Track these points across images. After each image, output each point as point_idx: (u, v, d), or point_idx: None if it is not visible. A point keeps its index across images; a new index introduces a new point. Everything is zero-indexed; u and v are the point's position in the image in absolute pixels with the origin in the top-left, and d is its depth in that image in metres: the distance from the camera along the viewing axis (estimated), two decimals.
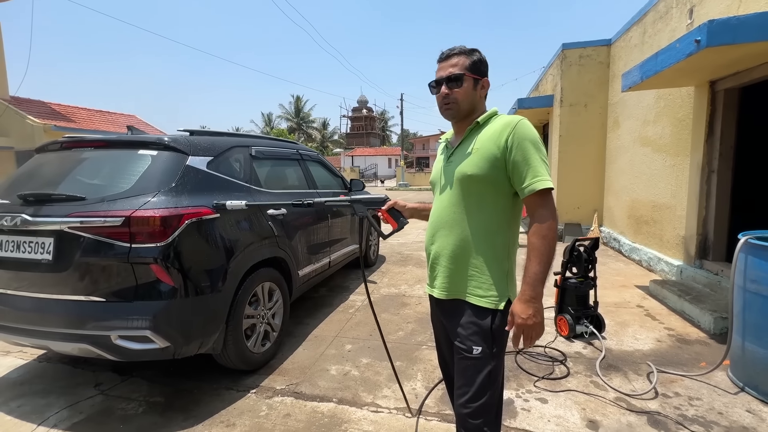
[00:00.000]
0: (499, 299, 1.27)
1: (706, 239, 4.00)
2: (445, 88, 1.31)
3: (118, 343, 1.97)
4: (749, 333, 2.25)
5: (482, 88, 1.33)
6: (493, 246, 1.27)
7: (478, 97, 1.33)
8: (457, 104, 1.31)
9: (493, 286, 1.27)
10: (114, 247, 1.97)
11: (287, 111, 51.12)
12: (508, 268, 1.30)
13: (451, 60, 1.31)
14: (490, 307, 1.27)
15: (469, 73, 1.29)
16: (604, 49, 6.66)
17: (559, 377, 2.46)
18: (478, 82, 1.32)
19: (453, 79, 1.29)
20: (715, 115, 3.85)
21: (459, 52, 1.31)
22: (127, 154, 2.35)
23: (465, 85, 1.29)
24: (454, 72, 1.29)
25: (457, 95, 1.30)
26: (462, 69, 1.29)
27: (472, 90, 1.30)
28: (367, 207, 1.67)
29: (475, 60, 1.30)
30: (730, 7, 3.45)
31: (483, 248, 1.28)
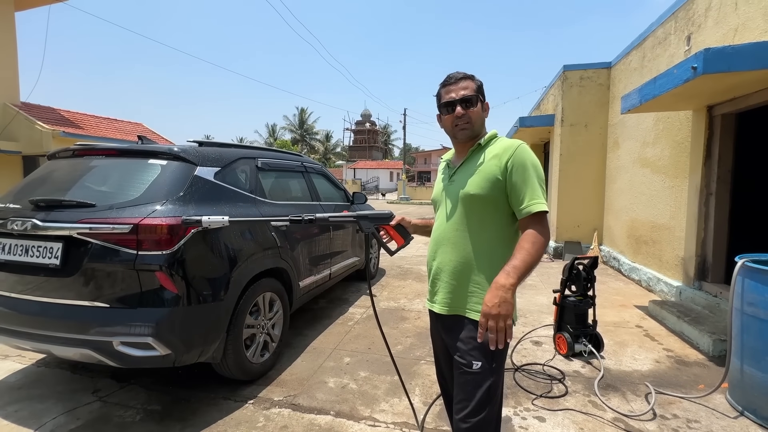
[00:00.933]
0: None
1: (704, 261, 4.02)
2: (460, 108, 1.36)
3: (119, 350, 1.99)
4: (747, 356, 2.26)
5: (486, 110, 1.42)
6: (493, 263, 1.31)
7: (482, 119, 1.41)
8: (471, 124, 1.38)
9: None
10: (121, 254, 2.00)
11: (291, 122, 51.74)
12: None
13: (461, 83, 1.37)
14: None
15: (480, 96, 1.38)
16: (605, 71, 6.80)
17: (557, 396, 2.46)
18: (483, 104, 1.40)
19: (467, 99, 1.36)
20: (712, 139, 3.92)
21: (466, 77, 1.39)
22: (137, 163, 2.40)
23: (477, 106, 1.38)
24: (467, 94, 1.35)
25: (471, 115, 1.37)
26: (473, 91, 1.36)
27: (481, 111, 1.39)
28: (374, 223, 1.66)
29: (479, 84, 1.40)
30: (726, 36, 3.55)
31: (484, 265, 1.31)
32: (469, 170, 1.34)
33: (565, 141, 7.09)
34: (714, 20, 3.76)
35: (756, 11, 3.21)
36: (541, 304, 4.30)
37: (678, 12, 4.43)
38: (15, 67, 9.62)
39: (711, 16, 3.81)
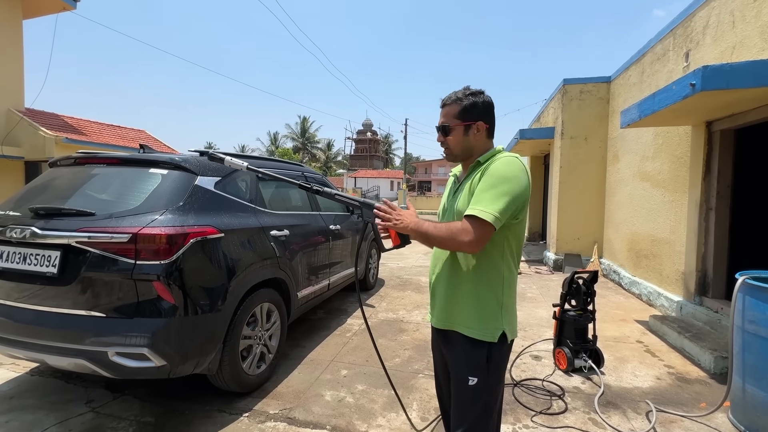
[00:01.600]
0: (493, 332, 1.29)
1: (705, 276, 4.00)
2: (440, 135, 1.41)
3: (114, 360, 1.97)
4: (749, 375, 2.23)
5: (477, 131, 1.35)
6: (488, 279, 1.31)
7: (473, 141, 1.36)
8: (450, 150, 1.41)
9: (488, 318, 1.30)
10: (119, 263, 2.00)
11: (293, 131, 52.04)
12: (504, 302, 1.32)
13: (443, 110, 1.39)
14: (485, 339, 1.29)
15: (459, 122, 1.34)
16: (604, 85, 6.87)
17: (557, 412, 2.42)
18: (470, 127, 1.34)
19: (442, 128, 1.38)
20: (711, 155, 3.94)
21: (453, 100, 1.36)
22: (138, 172, 2.41)
23: (454, 134, 1.36)
24: (442, 122, 1.38)
25: (449, 142, 1.39)
26: (450, 119, 1.36)
27: (462, 136, 1.36)
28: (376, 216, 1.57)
29: (465, 106, 1.34)
30: (724, 53, 3.60)
31: (478, 281, 1.31)
32: (465, 187, 1.35)
33: (565, 154, 7.12)
34: (712, 38, 3.81)
35: (753, 30, 3.25)
36: (540, 318, 4.27)
37: (676, 29, 4.49)
38: (21, 74, 9.72)
39: (709, 33, 3.86)
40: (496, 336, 1.29)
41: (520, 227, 1.33)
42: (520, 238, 1.36)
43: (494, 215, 1.18)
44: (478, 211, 1.19)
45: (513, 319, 1.36)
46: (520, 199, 1.23)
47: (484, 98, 1.36)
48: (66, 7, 10.11)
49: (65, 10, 10.18)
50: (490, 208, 1.18)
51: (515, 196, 1.22)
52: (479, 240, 1.19)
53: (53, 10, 10.20)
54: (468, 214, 1.21)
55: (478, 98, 1.35)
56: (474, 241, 1.19)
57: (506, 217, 1.21)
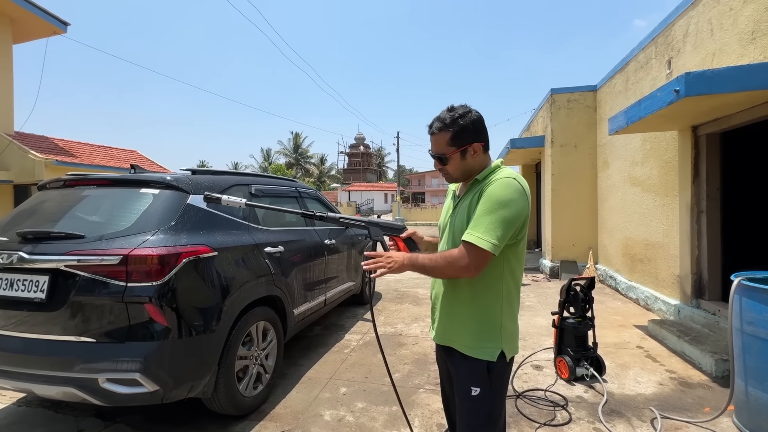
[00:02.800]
0: (491, 351, 1.28)
1: (700, 278, 4.02)
2: (437, 163, 1.36)
3: (105, 387, 1.90)
4: (751, 377, 2.22)
5: (474, 153, 1.31)
6: (486, 300, 1.29)
7: (471, 162, 1.32)
8: (450, 176, 1.37)
9: (485, 338, 1.29)
10: (109, 286, 1.95)
11: (286, 147, 52.29)
12: (502, 322, 1.30)
13: (434, 137, 1.32)
14: (483, 358, 1.28)
15: (453, 149, 1.29)
16: (591, 94, 7.01)
17: (561, 423, 2.38)
18: (466, 151, 1.30)
19: (438, 158, 1.34)
20: (699, 158, 4.01)
21: (438, 129, 1.30)
22: (129, 192, 2.38)
23: (452, 162, 1.31)
24: (437, 153, 1.32)
25: (448, 170, 1.35)
26: (444, 148, 1.30)
27: (460, 161, 1.31)
28: (384, 232, 1.55)
29: (457, 131, 1.28)
30: (705, 60, 3.70)
31: (476, 301, 1.30)
32: (463, 205, 1.33)
33: (556, 161, 7.21)
34: (692, 45, 3.92)
35: (731, 37, 3.35)
36: (540, 326, 4.24)
37: (658, 38, 4.62)
38: (10, 98, 9.70)
39: (689, 41, 3.97)
40: (495, 355, 1.28)
41: (520, 246, 1.31)
42: (521, 255, 1.33)
43: (492, 242, 1.17)
44: (476, 239, 1.18)
45: (513, 338, 1.34)
46: (518, 221, 1.22)
47: (471, 117, 1.29)
48: (56, 31, 10.17)
49: (55, 34, 10.23)
50: (488, 235, 1.17)
51: (513, 220, 1.20)
52: (477, 266, 1.20)
53: (43, 34, 10.24)
54: (465, 240, 1.20)
55: (467, 120, 1.28)
56: (471, 268, 1.19)
57: (505, 242, 1.21)
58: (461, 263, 1.19)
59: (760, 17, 3.03)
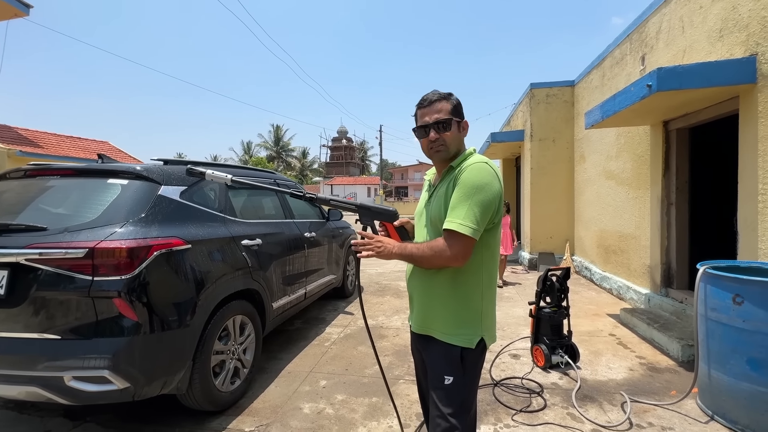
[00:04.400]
0: (471, 338, 1.29)
1: (669, 268, 4.19)
2: (434, 133, 1.32)
3: (71, 385, 1.83)
4: (714, 361, 2.33)
5: (464, 129, 1.38)
6: (464, 286, 1.30)
7: (460, 138, 1.36)
8: (446, 147, 1.33)
9: (464, 324, 1.29)
10: (74, 281, 1.87)
11: (266, 140, 51.33)
12: (482, 308, 1.31)
13: (435, 105, 1.32)
14: (463, 345, 1.29)
15: (454, 117, 1.33)
16: (569, 89, 7.14)
17: (536, 410, 2.44)
18: (460, 124, 1.36)
19: (441, 122, 1.31)
20: (670, 152, 4.15)
21: (441, 98, 1.34)
22: (95, 183, 2.27)
23: (452, 129, 1.32)
24: (441, 117, 1.31)
25: (446, 138, 1.32)
26: (447, 114, 1.32)
27: (457, 133, 1.35)
28: (375, 218, 1.50)
29: (455, 104, 1.35)
30: (676, 57, 3.81)
31: (454, 288, 1.30)
32: (439, 193, 1.33)
33: (535, 155, 7.33)
34: (664, 42, 4.03)
35: (701, 34, 3.46)
36: (518, 317, 4.33)
37: (632, 34, 4.73)
38: None
39: (662, 38, 4.08)
40: (473, 342, 1.29)
41: (496, 230, 1.33)
42: (498, 240, 1.35)
43: (472, 227, 1.19)
44: (457, 225, 1.19)
45: (492, 325, 1.36)
46: (494, 204, 1.24)
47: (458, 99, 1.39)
48: (18, 14, 9.57)
49: (17, 16, 9.63)
50: (468, 220, 1.18)
51: (489, 203, 1.22)
52: (463, 254, 1.21)
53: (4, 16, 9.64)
54: (446, 228, 1.21)
55: (456, 99, 1.37)
56: (459, 257, 1.21)
57: (484, 226, 1.22)
58: (448, 253, 1.21)
59: (728, 15, 3.13)
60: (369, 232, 1.39)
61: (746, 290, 2.16)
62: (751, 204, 2.95)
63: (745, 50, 2.96)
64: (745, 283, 2.17)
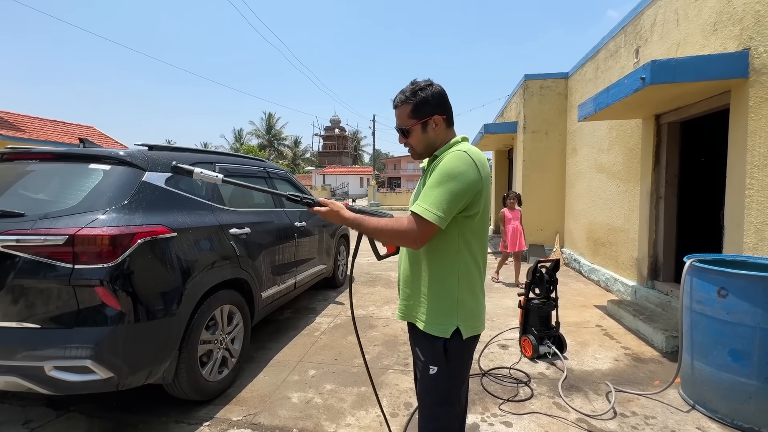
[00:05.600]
0: (445, 327, 1.27)
1: (656, 261, 4.24)
2: (401, 137, 1.38)
3: (52, 375, 1.79)
4: (697, 352, 2.38)
5: (435, 125, 1.31)
6: (442, 275, 1.28)
7: (433, 136, 1.32)
8: (414, 150, 1.38)
9: (440, 314, 1.27)
10: (54, 269, 1.81)
11: (258, 128, 50.58)
12: (458, 297, 1.27)
13: (396, 111, 1.34)
14: (438, 334, 1.27)
15: (414, 121, 1.30)
16: (563, 81, 7.12)
17: (523, 399, 2.47)
18: (427, 123, 1.30)
19: (401, 131, 1.36)
20: (660, 146, 4.17)
21: (400, 102, 1.32)
22: (76, 168, 2.20)
23: (413, 134, 1.33)
24: (399, 125, 1.35)
25: (411, 143, 1.36)
26: (405, 120, 1.32)
27: (422, 134, 1.32)
28: None
29: (417, 103, 1.29)
30: (670, 50, 3.80)
31: (432, 277, 1.29)
32: (423, 181, 1.34)
33: (527, 147, 7.33)
34: (659, 35, 4.01)
35: (695, 28, 3.45)
36: (507, 308, 4.37)
37: (627, 27, 4.70)
38: None
39: (656, 31, 4.06)
40: (449, 332, 1.26)
41: (476, 222, 1.27)
42: (478, 232, 1.29)
43: (436, 214, 1.16)
44: (422, 210, 1.18)
45: (472, 316, 1.29)
46: (467, 194, 1.19)
47: (433, 90, 1.29)
48: None
49: None
50: (434, 207, 1.17)
51: (460, 192, 1.18)
52: (421, 238, 1.19)
53: None
54: (412, 210, 1.21)
55: (427, 92, 1.29)
56: (417, 239, 1.19)
57: (452, 214, 1.19)
58: (407, 233, 1.20)
59: (722, 8, 3.12)
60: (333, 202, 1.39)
61: (731, 283, 2.19)
62: (738, 198, 2.98)
63: (738, 44, 2.96)
64: (730, 277, 2.20)
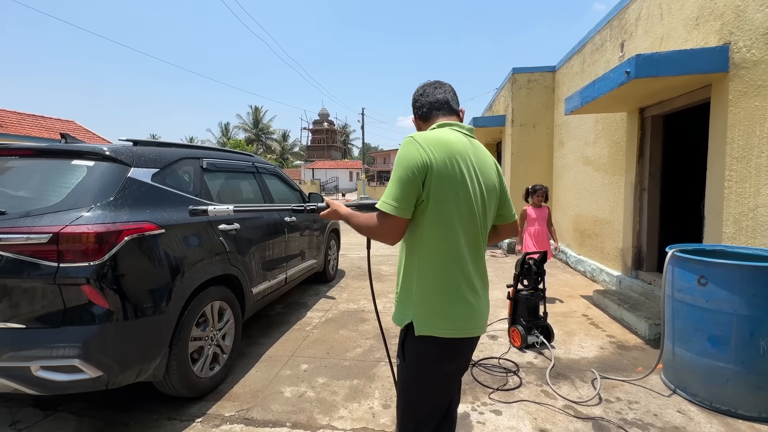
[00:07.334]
0: (401, 317, 1.27)
1: (640, 251, 4.35)
2: None
3: (39, 375, 1.76)
4: (678, 338, 2.46)
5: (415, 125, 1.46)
6: (406, 266, 1.28)
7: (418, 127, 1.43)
8: None
9: (401, 305, 1.28)
10: (39, 267, 1.78)
11: (245, 121, 49.81)
12: (416, 290, 1.23)
13: None
14: (397, 323, 1.29)
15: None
16: (550, 74, 7.18)
17: (512, 388, 2.53)
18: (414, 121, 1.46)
19: None
20: (644, 139, 4.26)
21: None
22: (59, 164, 2.15)
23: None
24: None
25: None
26: None
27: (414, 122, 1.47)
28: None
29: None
30: (654, 44, 3.87)
31: (401, 268, 1.31)
32: None
33: (515, 140, 7.40)
34: (643, 29, 4.07)
35: (678, 22, 3.51)
36: (496, 299, 4.43)
37: (612, 21, 4.76)
38: None
39: (641, 25, 4.12)
40: (402, 323, 1.26)
41: (433, 210, 1.17)
42: (440, 223, 1.18)
43: (390, 204, 1.16)
44: (380, 203, 1.19)
45: (431, 313, 1.20)
46: (414, 179, 1.14)
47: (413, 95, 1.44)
48: None
49: None
50: (388, 197, 1.17)
51: (406, 178, 1.15)
52: (390, 231, 1.20)
53: None
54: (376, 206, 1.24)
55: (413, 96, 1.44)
56: (387, 234, 1.21)
57: (408, 202, 1.16)
58: (376, 229, 1.22)
59: (704, 3, 3.18)
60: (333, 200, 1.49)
61: (710, 272, 2.27)
62: (718, 190, 3.07)
63: (719, 39, 3.03)
64: (710, 266, 2.28)
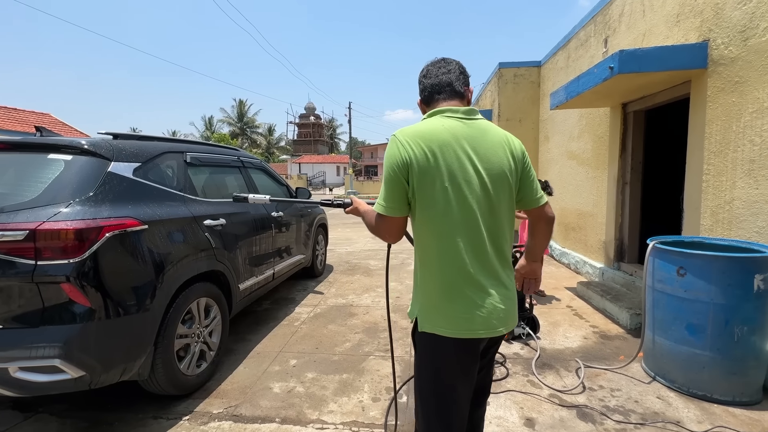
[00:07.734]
0: (412, 312, 1.27)
1: (622, 243, 4.47)
2: None
3: (18, 376, 1.71)
4: (658, 327, 2.54)
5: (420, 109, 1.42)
6: (414, 264, 1.28)
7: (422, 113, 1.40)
8: None
9: (413, 299, 1.29)
10: (15, 265, 1.72)
11: (229, 115, 48.90)
12: (420, 286, 1.22)
13: None
14: (409, 316, 1.30)
15: None
16: (536, 69, 7.24)
17: (499, 378, 2.57)
18: None
19: None
20: (626, 134, 4.35)
21: None
22: (34, 158, 2.07)
23: None
24: None
25: None
26: None
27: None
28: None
29: None
30: (636, 40, 3.93)
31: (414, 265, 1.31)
32: None
33: None
34: (626, 25, 4.14)
35: (659, 19, 3.58)
36: None
37: (597, 16, 4.82)
38: None
39: (624, 21, 4.19)
40: (412, 316, 1.26)
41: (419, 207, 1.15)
42: (427, 218, 1.15)
43: (381, 204, 1.20)
44: (375, 204, 1.24)
45: (432, 310, 1.17)
46: (395, 178, 1.14)
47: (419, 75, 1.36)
48: None
49: None
50: (379, 197, 1.21)
51: (388, 175, 1.16)
52: (387, 231, 1.23)
53: None
54: None
55: None
56: (384, 233, 1.25)
57: (398, 200, 1.15)
58: (376, 228, 1.26)
59: (685, 0, 3.25)
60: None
61: (689, 263, 2.34)
62: (696, 183, 3.16)
63: (698, 36, 3.10)
64: (688, 257, 2.35)
